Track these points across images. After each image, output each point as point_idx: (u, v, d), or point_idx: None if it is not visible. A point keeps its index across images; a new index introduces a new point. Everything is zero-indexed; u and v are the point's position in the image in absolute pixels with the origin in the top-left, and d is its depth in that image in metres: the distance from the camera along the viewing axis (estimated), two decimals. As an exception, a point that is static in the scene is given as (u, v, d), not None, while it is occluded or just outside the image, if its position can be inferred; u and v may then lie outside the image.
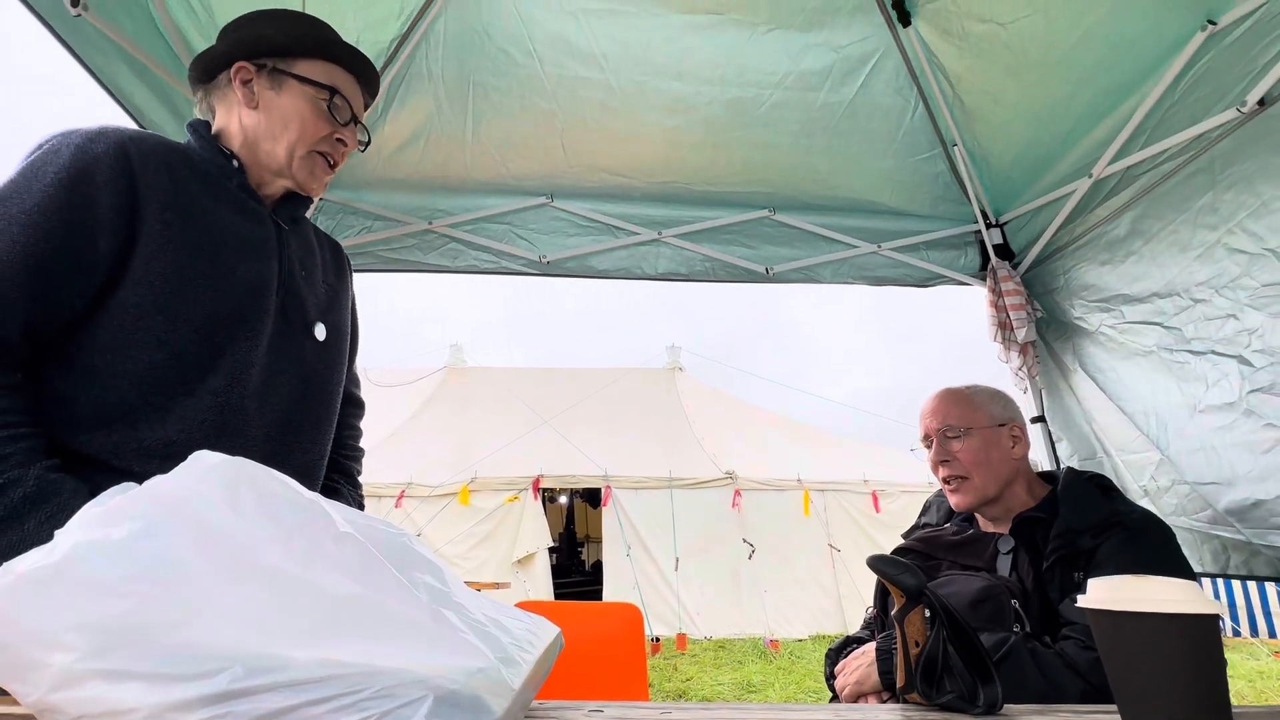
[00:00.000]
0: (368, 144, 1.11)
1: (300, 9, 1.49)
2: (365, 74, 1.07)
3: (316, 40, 1.02)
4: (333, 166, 1.05)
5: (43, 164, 0.82)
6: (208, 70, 1.01)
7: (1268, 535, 1.41)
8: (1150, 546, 1.16)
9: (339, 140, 1.04)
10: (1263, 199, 1.37)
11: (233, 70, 0.98)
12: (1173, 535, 1.19)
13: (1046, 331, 2.19)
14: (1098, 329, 1.95)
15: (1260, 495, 1.43)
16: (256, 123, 0.99)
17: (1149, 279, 1.72)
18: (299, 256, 1.06)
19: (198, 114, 1.05)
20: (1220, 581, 6.83)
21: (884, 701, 1.06)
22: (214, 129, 1.02)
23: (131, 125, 1.53)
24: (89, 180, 0.82)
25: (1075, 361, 2.06)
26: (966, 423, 1.35)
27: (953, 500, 1.36)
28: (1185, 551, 1.68)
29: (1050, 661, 1.02)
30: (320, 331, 1.05)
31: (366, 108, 1.11)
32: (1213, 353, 1.55)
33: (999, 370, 2.24)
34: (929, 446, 1.40)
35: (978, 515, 1.40)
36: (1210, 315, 1.54)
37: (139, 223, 0.85)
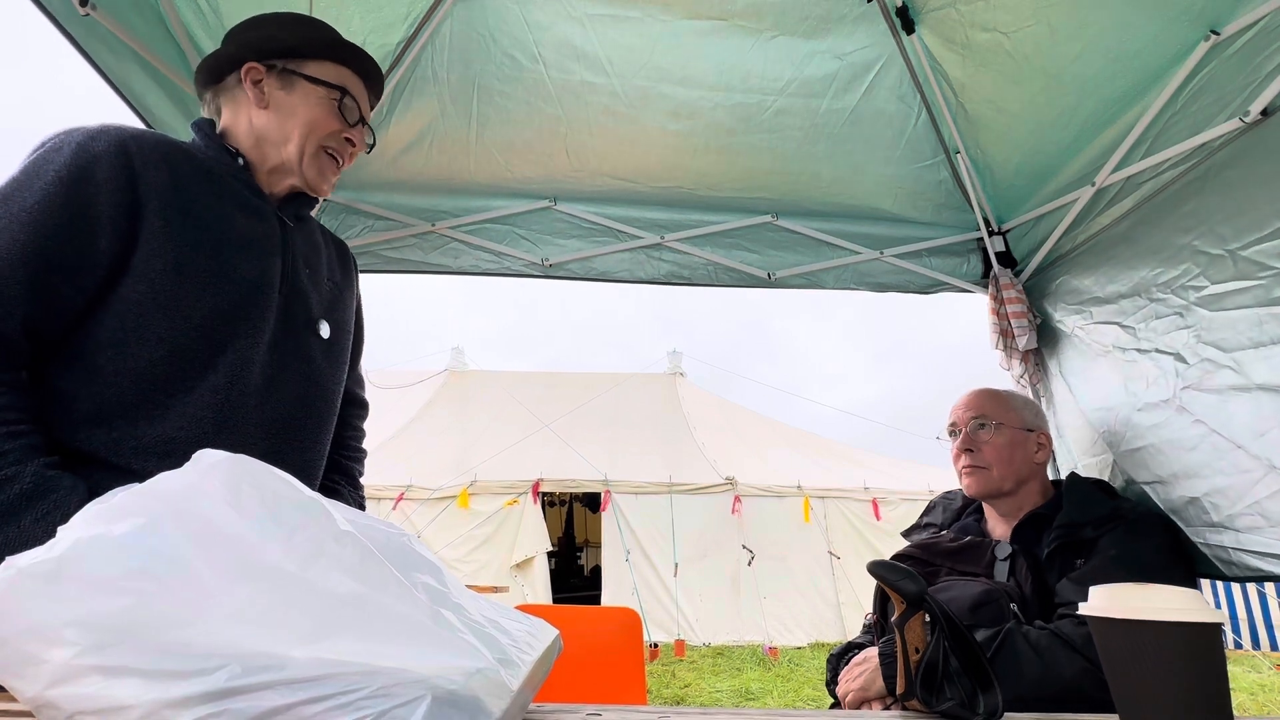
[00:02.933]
0: (373, 145, 1.12)
1: (308, 12, 1.50)
2: (372, 76, 1.09)
3: (325, 42, 1.04)
4: (339, 166, 1.07)
5: (44, 162, 0.82)
6: (215, 71, 1.02)
7: (1202, 533, 1.40)
8: (1149, 539, 1.18)
9: (347, 140, 1.05)
10: (1240, 203, 1.38)
11: (243, 70, 0.99)
12: (1175, 531, 1.20)
13: (1041, 339, 2.19)
14: (1072, 331, 1.97)
15: (1192, 492, 1.42)
16: (267, 122, 1.00)
17: (1120, 281, 1.74)
18: (304, 254, 1.06)
19: (205, 115, 1.06)
20: (1221, 592, 6.80)
21: (887, 708, 1.06)
22: (220, 128, 1.02)
23: (138, 124, 1.54)
24: (89, 178, 0.83)
25: (1058, 366, 2.07)
26: (999, 418, 1.38)
27: (965, 483, 1.38)
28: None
29: (1045, 642, 1.02)
30: (325, 329, 1.06)
31: (372, 109, 1.12)
32: (1156, 350, 1.56)
33: (990, 380, 2.24)
34: (955, 436, 1.41)
35: (986, 508, 1.41)
36: (1160, 314, 1.56)
37: (139, 220, 0.86)
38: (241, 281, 0.93)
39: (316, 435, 1.04)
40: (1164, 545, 1.21)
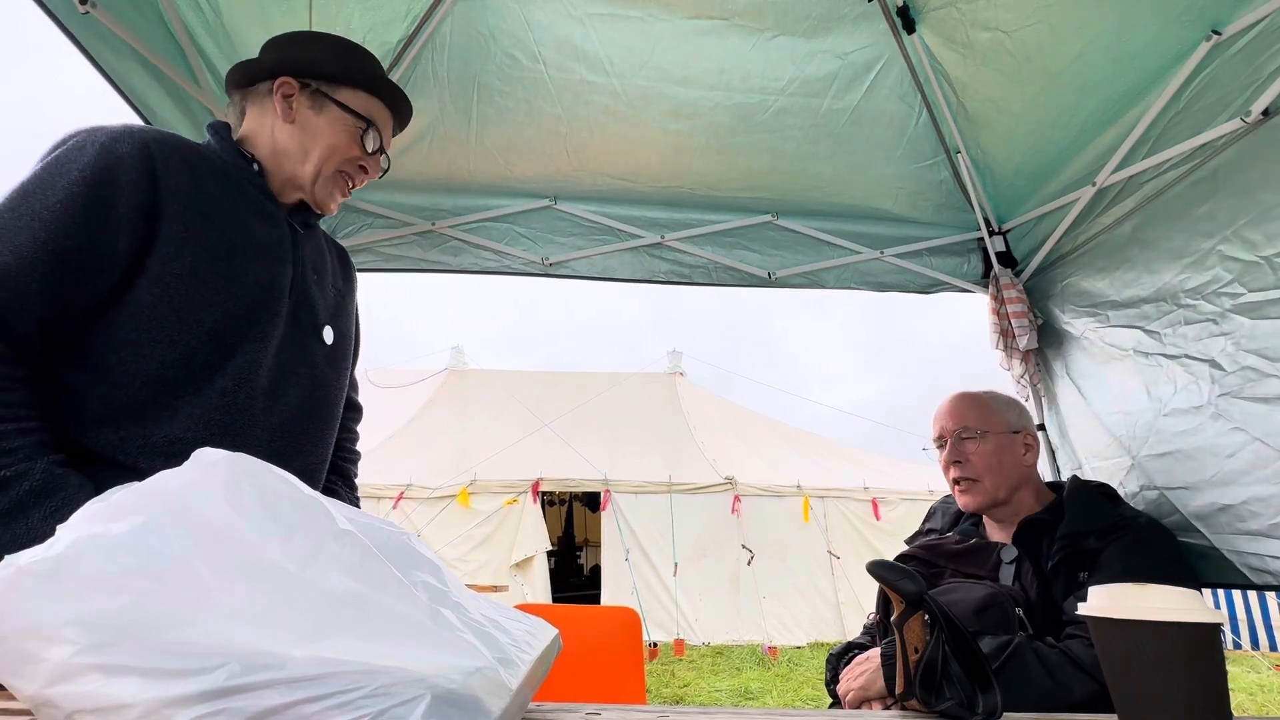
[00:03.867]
0: (385, 172, 1.14)
1: (308, 11, 1.50)
2: (402, 113, 1.12)
3: (364, 74, 1.05)
4: (350, 189, 1.09)
5: (67, 160, 0.82)
6: (249, 76, 1.03)
7: (1233, 541, 1.39)
8: (1156, 550, 1.16)
9: (362, 167, 1.07)
10: (1263, 207, 1.36)
11: (276, 83, 1.00)
12: (1177, 540, 1.19)
13: (1044, 339, 2.19)
14: (1082, 334, 1.96)
15: (1226, 500, 1.41)
16: (289, 137, 1.01)
17: (1139, 285, 1.72)
18: (312, 260, 1.07)
19: (229, 116, 1.07)
20: (1221, 592, 6.80)
21: (887, 708, 1.06)
22: (240, 133, 1.03)
23: (139, 122, 1.54)
24: (112, 179, 0.83)
25: (1064, 368, 2.06)
26: (983, 426, 1.35)
27: (961, 500, 1.37)
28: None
29: (1055, 660, 1.01)
30: (329, 335, 1.06)
31: (394, 135, 1.15)
32: (1186, 356, 1.55)
33: (988, 381, 2.23)
34: (942, 447, 1.40)
35: (985, 519, 1.40)
36: (1191, 320, 1.54)
37: (158, 223, 0.86)
38: (254, 286, 0.93)
39: (320, 439, 1.05)
40: (1171, 556, 1.19)
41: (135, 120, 1.55)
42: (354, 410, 1.27)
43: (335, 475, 1.19)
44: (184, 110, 1.63)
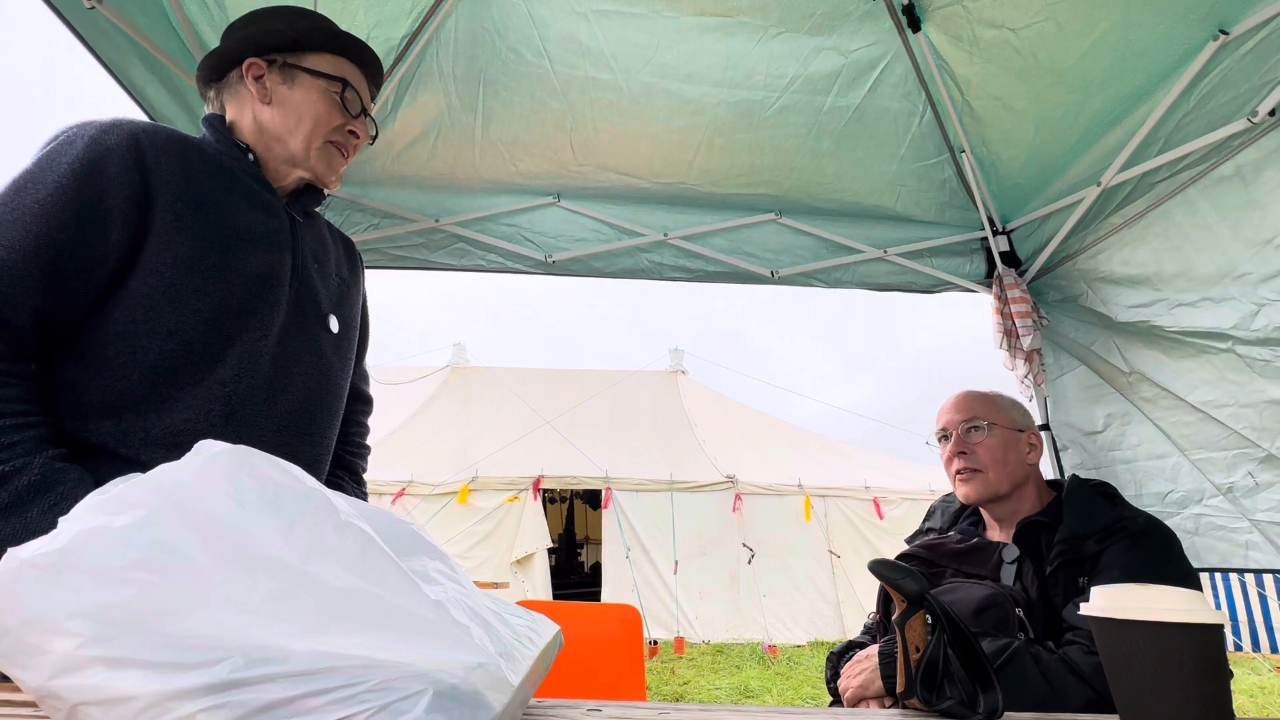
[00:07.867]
0: (375, 136, 1.13)
1: (312, 6, 1.50)
2: (371, 66, 1.09)
3: (324, 34, 1.04)
4: (346, 158, 1.07)
5: (57, 155, 0.83)
6: (217, 69, 1.02)
7: None
8: (1155, 552, 1.15)
9: (351, 132, 1.06)
10: None
11: (244, 66, 1.00)
12: (1177, 541, 1.18)
13: (1079, 334, 2.14)
14: (1156, 331, 1.89)
15: None
16: (271, 118, 1.00)
17: (1210, 282, 1.67)
18: (312, 249, 1.07)
19: (210, 111, 1.06)
20: (1222, 593, 6.79)
21: (886, 707, 1.05)
22: (227, 124, 1.02)
23: (143, 118, 1.54)
24: (101, 171, 0.83)
25: (1130, 363, 2.00)
26: (990, 418, 1.35)
27: (961, 490, 1.36)
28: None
29: (1054, 666, 1.01)
30: (334, 324, 1.06)
31: (373, 98, 1.13)
32: None
33: (986, 380, 2.21)
34: (945, 440, 1.40)
35: (984, 515, 1.39)
36: None
37: (150, 214, 0.86)
38: (251, 275, 0.93)
39: (324, 429, 1.05)
40: (1169, 557, 1.18)
41: (140, 116, 1.55)
42: (364, 403, 1.26)
43: (343, 470, 1.18)
44: (186, 107, 1.63)
